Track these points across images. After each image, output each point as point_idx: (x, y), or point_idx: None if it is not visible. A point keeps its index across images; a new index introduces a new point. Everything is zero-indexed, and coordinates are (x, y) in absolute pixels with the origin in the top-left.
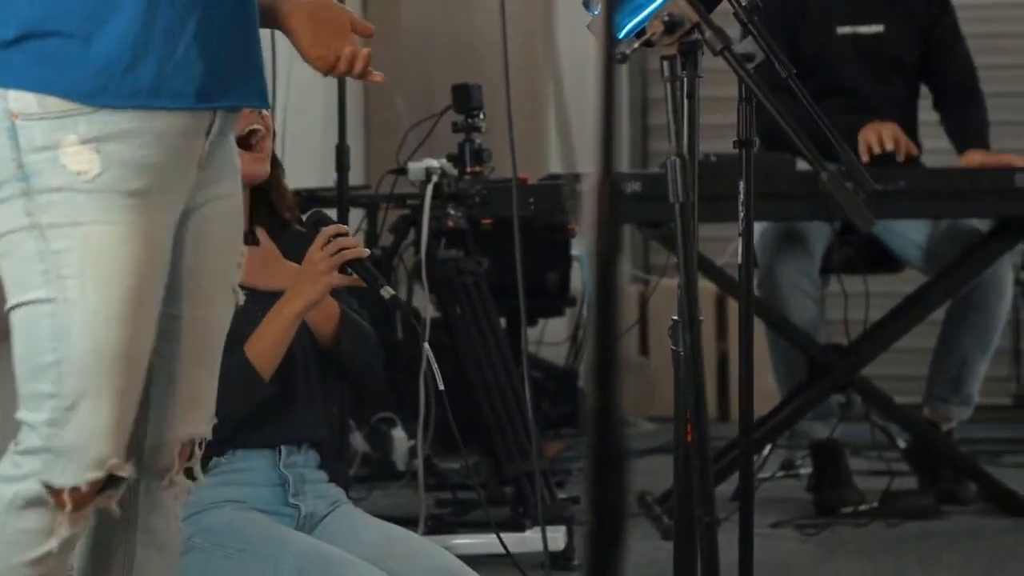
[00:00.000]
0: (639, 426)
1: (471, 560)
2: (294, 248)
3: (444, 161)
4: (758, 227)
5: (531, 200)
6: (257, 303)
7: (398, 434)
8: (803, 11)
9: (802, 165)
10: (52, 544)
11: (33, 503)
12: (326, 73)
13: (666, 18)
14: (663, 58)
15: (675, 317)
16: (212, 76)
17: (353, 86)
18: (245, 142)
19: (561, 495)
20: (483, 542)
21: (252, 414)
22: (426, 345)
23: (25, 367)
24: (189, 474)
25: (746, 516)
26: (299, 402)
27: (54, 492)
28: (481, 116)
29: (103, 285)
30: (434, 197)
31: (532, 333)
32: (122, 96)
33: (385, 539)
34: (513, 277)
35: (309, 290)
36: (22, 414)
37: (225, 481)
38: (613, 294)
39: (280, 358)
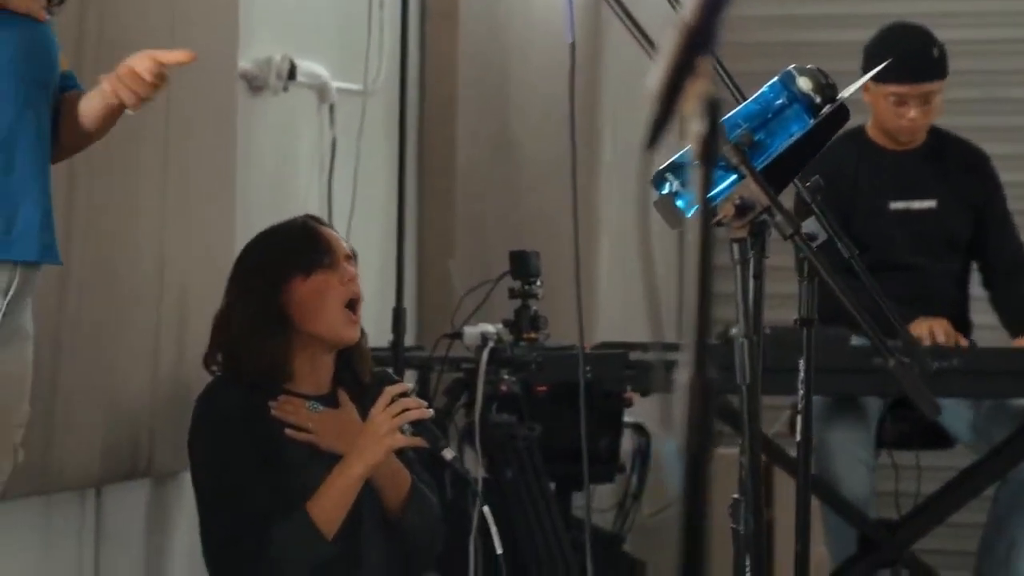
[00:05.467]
0: None
1: None
2: (367, 409)
3: (500, 327)
4: None
5: (588, 368)
6: (323, 463)
7: None
8: (854, 186)
9: (856, 340)
10: None
11: None
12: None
13: (737, 201)
14: (733, 240)
15: (736, 495)
16: (9, 228)
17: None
18: (353, 307)
19: None
20: None
21: (315, 574)
22: (486, 508)
23: None
24: None
25: None
26: (364, 566)
27: None
28: (539, 283)
29: None
30: (489, 362)
31: (580, 498)
32: None
33: None
34: (564, 442)
35: (371, 451)
36: None
37: None
38: (703, 491)
39: (342, 518)
